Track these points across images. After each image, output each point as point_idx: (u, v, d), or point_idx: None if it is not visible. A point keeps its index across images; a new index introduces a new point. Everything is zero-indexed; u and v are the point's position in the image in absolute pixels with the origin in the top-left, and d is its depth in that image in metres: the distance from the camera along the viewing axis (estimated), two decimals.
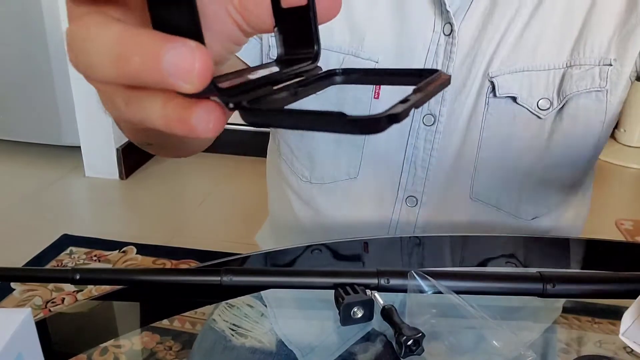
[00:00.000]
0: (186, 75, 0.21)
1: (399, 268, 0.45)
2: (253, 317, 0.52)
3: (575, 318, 0.53)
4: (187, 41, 0.21)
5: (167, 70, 0.21)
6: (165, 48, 0.21)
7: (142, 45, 0.21)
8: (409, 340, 0.40)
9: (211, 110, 0.22)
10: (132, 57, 0.21)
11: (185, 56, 0.20)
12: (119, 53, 0.21)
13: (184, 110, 0.22)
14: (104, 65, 0.22)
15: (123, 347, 0.49)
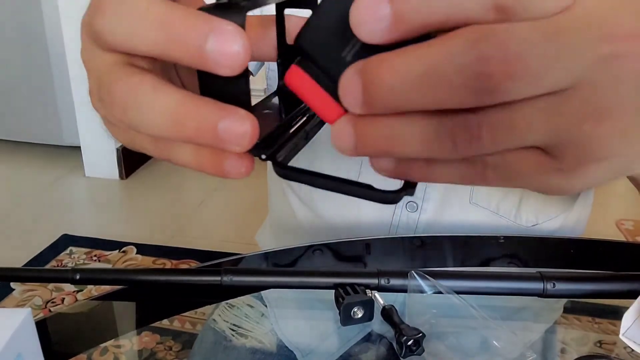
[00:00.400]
0: (238, 141, 0.23)
1: (400, 268, 0.45)
2: (253, 317, 0.52)
3: (576, 318, 0.52)
4: (239, 110, 0.23)
5: (222, 137, 0.22)
6: (221, 117, 0.22)
7: (200, 114, 0.23)
8: (409, 341, 0.40)
9: (243, 157, 0.24)
10: (190, 124, 0.23)
11: (238, 125, 0.22)
12: (177, 119, 0.23)
13: (217, 157, 0.24)
14: (158, 126, 0.23)
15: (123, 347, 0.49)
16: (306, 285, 0.45)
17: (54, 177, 2.42)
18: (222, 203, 2.27)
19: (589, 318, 0.52)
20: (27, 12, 2.31)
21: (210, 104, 0.23)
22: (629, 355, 0.43)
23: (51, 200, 2.27)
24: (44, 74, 2.39)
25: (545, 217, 0.64)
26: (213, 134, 0.22)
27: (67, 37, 2.24)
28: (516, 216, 0.63)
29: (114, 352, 0.48)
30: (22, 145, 2.57)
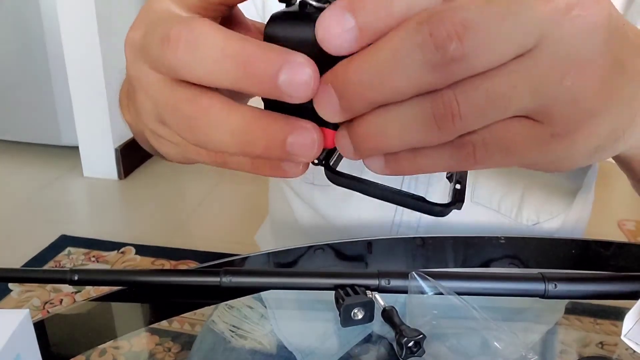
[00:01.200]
0: (306, 153, 0.24)
1: (400, 269, 0.45)
2: (253, 318, 0.51)
3: (577, 319, 0.52)
4: (306, 123, 0.24)
5: (290, 151, 0.24)
6: (290, 132, 0.23)
7: (269, 131, 0.24)
8: (410, 342, 0.39)
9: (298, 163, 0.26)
10: (260, 141, 0.24)
11: (306, 138, 0.24)
12: (247, 137, 0.24)
13: (274, 161, 0.26)
14: (228, 144, 0.24)
15: (121, 348, 0.49)
16: (306, 286, 0.45)
17: (52, 177, 2.41)
18: (221, 203, 2.27)
19: (590, 319, 0.52)
20: (25, 12, 2.31)
21: (278, 120, 0.24)
22: (630, 356, 0.43)
23: (49, 200, 2.26)
24: (42, 74, 2.38)
25: (546, 215, 0.64)
26: (282, 149, 0.24)
27: (65, 37, 2.24)
28: (517, 215, 0.63)
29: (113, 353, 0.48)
30: (20, 145, 2.56)
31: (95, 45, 2.23)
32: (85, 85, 2.30)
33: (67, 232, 2.01)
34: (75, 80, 2.30)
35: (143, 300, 0.50)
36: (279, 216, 0.76)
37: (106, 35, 2.26)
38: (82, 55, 2.26)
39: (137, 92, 0.29)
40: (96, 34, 2.21)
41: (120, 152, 2.40)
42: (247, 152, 0.24)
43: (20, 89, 2.44)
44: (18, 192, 2.30)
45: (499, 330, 0.41)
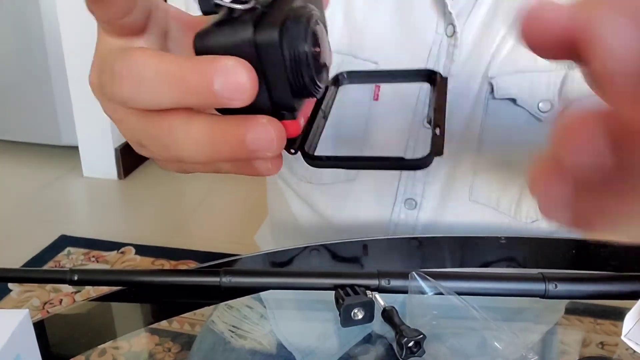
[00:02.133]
0: (268, 147, 0.25)
1: (400, 269, 0.45)
2: (252, 318, 0.51)
3: (577, 319, 0.52)
4: (261, 118, 0.25)
5: (253, 149, 0.25)
6: (247, 131, 0.24)
7: (227, 134, 0.25)
8: (410, 342, 0.39)
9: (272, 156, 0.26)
10: (223, 146, 0.25)
11: (264, 133, 0.25)
12: (210, 145, 0.25)
13: (250, 162, 0.27)
14: (196, 155, 0.26)
15: (121, 348, 0.49)
16: (306, 286, 0.45)
17: (52, 177, 2.41)
18: (221, 203, 2.27)
19: (590, 319, 0.52)
20: (25, 12, 2.31)
21: (233, 121, 0.25)
22: (630, 356, 0.43)
23: (49, 200, 2.26)
24: (42, 74, 2.38)
25: None
26: (244, 148, 0.25)
27: (65, 37, 2.24)
28: (516, 212, 0.63)
29: (112, 353, 0.48)
30: (19, 145, 2.56)
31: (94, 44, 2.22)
32: (85, 85, 2.27)
33: (66, 232, 2.01)
34: (75, 80, 2.30)
35: (143, 300, 0.50)
36: (278, 216, 0.76)
37: None
38: (82, 55, 2.25)
39: (117, 124, 0.30)
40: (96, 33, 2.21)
41: (120, 152, 2.40)
42: (215, 158, 0.26)
43: (20, 89, 2.44)
44: (18, 192, 2.30)
45: (499, 330, 0.41)
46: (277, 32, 0.24)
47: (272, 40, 0.24)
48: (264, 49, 0.24)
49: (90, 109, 2.34)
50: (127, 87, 0.25)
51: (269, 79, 0.25)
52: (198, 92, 0.24)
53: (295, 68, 0.25)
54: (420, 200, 0.63)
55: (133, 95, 0.25)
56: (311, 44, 0.26)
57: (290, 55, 0.25)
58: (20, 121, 2.50)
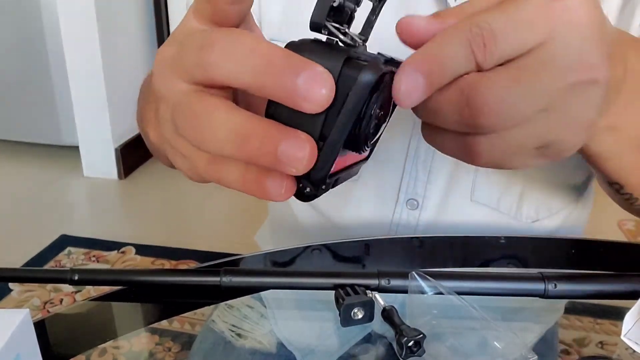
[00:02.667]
0: (296, 163, 0.25)
1: (400, 269, 0.45)
2: (253, 318, 0.51)
3: (577, 319, 0.52)
4: (300, 134, 0.25)
5: (280, 158, 0.25)
6: (283, 139, 0.25)
7: (264, 133, 0.25)
8: (410, 342, 0.39)
9: (284, 180, 0.27)
10: (253, 142, 0.25)
11: (298, 147, 0.25)
12: (243, 137, 0.25)
13: (261, 176, 0.27)
14: (223, 143, 0.26)
15: (122, 348, 0.49)
16: (306, 286, 0.45)
17: (53, 177, 2.41)
18: (221, 203, 2.27)
19: (590, 319, 0.52)
20: (26, 12, 2.31)
21: (275, 125, 0.25)
22: (630, 356, 0.43)
23: (49, 200, 2.27)
24: (42, 74, 2.39)
25: (546, 212, 0.64)
26: (273, 154, 0.25)
27: (65, 37, 2.24)
28: (517, 212, 0.63)
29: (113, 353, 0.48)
30: (20, 145, 2.56)
31: (95, 44, 2.23)
32: (85, 85, 2.30)
33: (67, 231, 2.01)
34: (76, 80, 2.30)
35: (143, 300, 0.50)
36: (279, 215, 0.76)
37: (106, 34, 2.26)
38: (83, 55, 2.26)
39: (160, 102, 0.30)
40: (96, 33, 2.21)
41: (121, 152, 2.40)
42: (240, 152, 0.26)
43: (20, 89, 2.44)
44: (18, 191, 2.31)
45: (498, 330, 0.41)
46: (375, 77, 0.25)
47: (366, 81, 0.25)
48: (351, 83, 0.25)
49: (90, 108, 2.34)
50: (219, 54, 0.26)
51: (332, 111, 0.25)
52: (282, 78, 0.24)
53: (365, 117, 0.26)
54: (422, 201, 0.63)
55: (220, 62, 0.26)
56: (379, 104, 0.27)
57: (369, 103, 0.26)
58: (21, 121, 2.50)
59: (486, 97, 0.27)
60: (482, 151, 0.30)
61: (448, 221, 0.64)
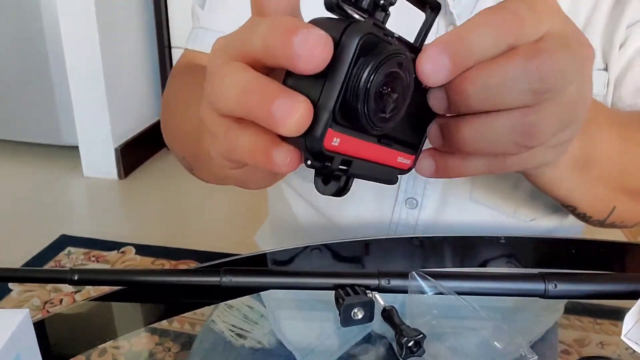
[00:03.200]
0: (288, 121, 0.26)
1: (400, 269, 0.45)
2: (252, 318, 0.51)
3: (577, 319, 0.52)
4: (298, 95, 0.26)
5: (275, 114, 0.26)
6: (280, 96, 0.26)
7: (263, 88, 0.27)
8: (410, 342, 0.39)
9: (291, 152, 0.28)
10: (253, 96, 0.27)
11: (291, 106, 0.26)
12: (245, 92, 0.27)
13: (270, 145, 0.28)
14: (229, 99, 0.28)
15: (122, 348, 0.49)
16: (306, 286, 0.45)
17: (52, 177, 2.41)
18: (221, 203, 2.27)
19: (590, 319, 0.52)
20: (25, 12, 2.31)
21: (275, 84, 0.27)
22: (630, 356, 0.43)
23: (49, 200, 2.27)
24: (42, 74, 2.38)
25: (543, 212, 0.64)
26: (268, 110, 0.26)
27: (65, 37, 2.24)
28: (515, 211, 0.63)
29: (113, 353, 0.48)
30: (20, 145, 2.56)
31: (95, 44, 2.23)
32: (85, 85, 2.30)
33: (67, 231, 2.01)
34: (76, 80, 2.30)
35: (143, 300, 0.50)
36: (279, 215, 0.76)
37: (106, 34, 2.26)
38: (82, 55, 2.26)
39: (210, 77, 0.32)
40: (96, 33, 2.21)
41: (120, 151, 2.40)
42: (242, 105, 0.27)
43: (20, 89, 2.44)
44: (18, 191, 2.31)
45: (498, 329, 0.41)
46: (358, 37, 0.26)
47: (350, 42, 0.26)
48: (340, 49, 0.26)
49: (90, 108, 2.34)
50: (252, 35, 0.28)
51: (330, 78, 0.26)
52: (282, 38, 0.26)
53: (358, 85, 0.26)
54: (421, 200, 0.63)
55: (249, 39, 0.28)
56: (380, 80, 0.27)
57: (356, 67, 0.26)
58: (21, 121, 2.50)
59: (548, 64, 0.29)
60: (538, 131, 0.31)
61: (447, 220, 0.64)
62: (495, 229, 0.63)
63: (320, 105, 0.26)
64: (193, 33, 0.64)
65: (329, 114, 0.26)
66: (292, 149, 0.28)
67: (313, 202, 0.68)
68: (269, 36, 0.27)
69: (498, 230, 0.62)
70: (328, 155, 0.28)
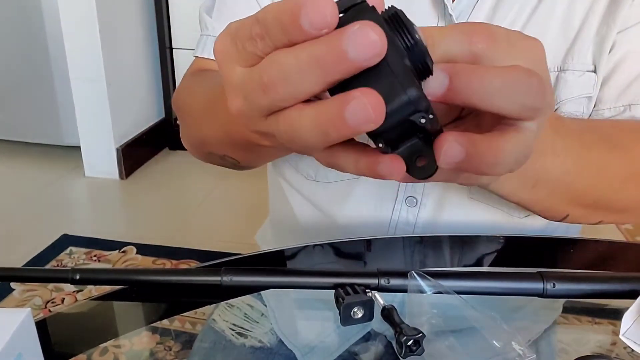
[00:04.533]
0: (367, 120, 0.26)
1: (400, 268, 0.45)
2: (253, 317, 0.52)
3: (576, 318, 0.53)
4: (353, 93, 0.26)
5: (353, 126, 0.26)
6: (345, 108, 0.26)
7: (332, 114, 0.26)
8: (409, 341, 0.40)
9: (393, 161, 0.29)
10: (330, 127, 0.27)
11: (359, 105, 0.25)
12: (319, 129, 0.27)
13: (372, 162, 0.29)
14: (310, 137, 0.28)
15: (123, 347, 0.49)
16: (306, 285, 0.45)
17: (54, 177, 2.42)
18: (222, 203, 2.27)
19: (588, 318, 0.52)
20: (27, 12, 2.31)
21: (334, 100, 0.26)
22: (629, 355, 0.43)
23: (51, 200, 2.27)
24: (43, 74, 2.39)
25: None
26: (347, 125, 0.26)
27: (67, 37, 2.24)
28: (509, 207, 0.63)
29: (114, 352, 0.48)
30: (21, 145, 2.57)
31: (97, 45, 2.23)
32: (86, 85, 2.30)
33: (68, 231, 2.02)
34: (77, 80, 2.30)
35: (144, 299, 0.51)
36: (279, 214, 0.76)
37: (108, 35, 2.26)
38: (84, 55, 2.26)
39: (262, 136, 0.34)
40: (98, 33, 2.21)
41: (122, 151, 2.40)
42: (328, 140, 0.27)
43: (22, 89, 2.44)
44: (20, 191, 2.31)
45: (497, 329, 0.41)
46: (387, 14, 0.28)
47: (381, 22, 0.27)
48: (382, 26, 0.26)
49: (92, 109, 2.34)
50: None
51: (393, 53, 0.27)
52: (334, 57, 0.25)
53: (412, 49, 0.28)
54: (420, 198, 0.63)
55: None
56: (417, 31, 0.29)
57: (403, 38, 0.28)
58: (23, 121, 2.50)
59: (543, 85, 0.30)
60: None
61: (446, 219, 0.64)
62: (494, 227, 0.63)
63: (400, 71, 0.27)
64: (202, 41, 0.64)
65: (410, 73, 0.27)
66: (393, 157, 0.29)
67: (314, 202, 0.68)
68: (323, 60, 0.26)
69: (497, 229, 0.62)
70: (427, 106, 0.28)
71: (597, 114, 0.59)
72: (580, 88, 0.57)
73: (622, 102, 0.58)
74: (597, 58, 0.57)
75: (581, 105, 0.58)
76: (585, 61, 0.57)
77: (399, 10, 0.29)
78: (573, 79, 0.57)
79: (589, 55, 0.57)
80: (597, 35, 0.56)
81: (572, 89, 0.57)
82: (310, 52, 0.26)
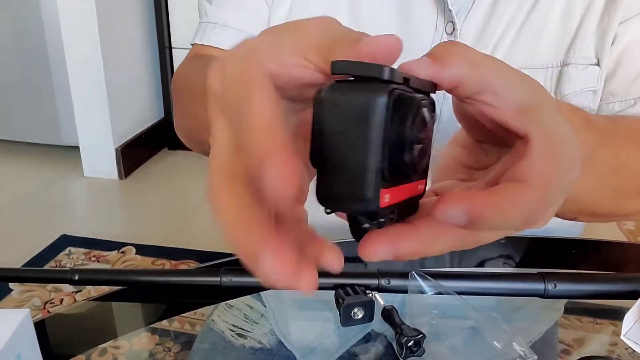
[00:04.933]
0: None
1: (400, 269, 0.45)
2: (253, 317, 0.52)
3: (577, 319, 0.52)
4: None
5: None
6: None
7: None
8: (410, 341, 0.40)
9: (309, 272, 0.24)
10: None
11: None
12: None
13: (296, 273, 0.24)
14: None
15: (122, 348, 0.49)
16: None
17: (53, 177, 2.41)
18: None
19: (590, 319, 0.52)
20: (26, 12, 2.31)
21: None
22: (630, 356, 0.43)
23: (50, 200, 2.27)
24: (42, 74, 2.39)
25: None
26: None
27: (66, 37, 2.24)
28: None
29: (113, 353, 0.48)
30: (21, 145, 2.57)
31: (96, 45, 2.23)
32: (86, 85, 2.30)
33: (67, 231, 2.01)
34: (76, 80, 2.30)
35: (143, 300, 0.51)
36: None
37: (107, 34, 2.26)
38: (83, 55, 2.26)
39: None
40: (97, 33, 2.21)
41: (121, 152, 2.40)
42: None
43: (21, 89, 2.44)
44: (19, 192, 2.31)
45: (498, 329, 0.41)
46: (386, 99, 0.25)
47: (381, 104, 0.25)
48: (372, 110, 0.25)
49: (91, 109, 2.34)
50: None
51: (369, 140, 0.25)
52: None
53: (394, 144, 0.26)
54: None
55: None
56: (417, 129, 0.27)
57: (392, 129, 0.26)
58: (21, 121, 2.50)
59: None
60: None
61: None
62: None
63: (367, 168, 0.26)
64: (201, 28, 0.64)
65: (378, 174, 0.26)
66: (310, 271, 0.25)
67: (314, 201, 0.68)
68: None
69: None
70: (382, 212, 0.27)
71: (607, 107, 0.59)
72: (584, 82, 0.57)
73: (632, 95, 0.57)
74: (599, 51, 0.57)
75: (586, 99, 0.58)
76: (588, 54, 0.57)
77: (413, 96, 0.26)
78: (576, 73, 0.57)
79: (591, 48, 0.57)
80: (599, 27, 0.56)
81: (576, 83, 0.57)
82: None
